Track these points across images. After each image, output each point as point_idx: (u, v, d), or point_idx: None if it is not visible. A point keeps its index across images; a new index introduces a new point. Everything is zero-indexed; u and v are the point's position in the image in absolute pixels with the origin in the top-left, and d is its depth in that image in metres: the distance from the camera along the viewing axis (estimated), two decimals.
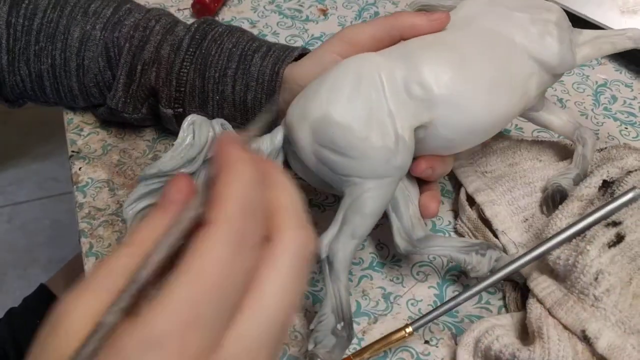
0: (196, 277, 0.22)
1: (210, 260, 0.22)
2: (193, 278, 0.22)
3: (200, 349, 0.22)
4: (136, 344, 0.21)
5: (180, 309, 0.21)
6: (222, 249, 0.22)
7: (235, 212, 0.23)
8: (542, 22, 0.44)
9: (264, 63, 0.47)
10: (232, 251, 0.22)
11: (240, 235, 0.23)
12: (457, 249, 0.43)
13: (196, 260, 0.22)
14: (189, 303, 0.21)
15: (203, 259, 0.22)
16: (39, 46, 0.50)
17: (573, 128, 0.49)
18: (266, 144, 0.40)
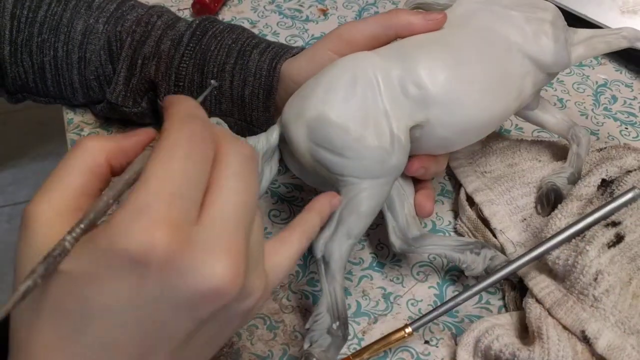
0: (168, 160, 0.26)
1: (177, 149, 0.26)
2: (166, 162, 0.26)
3: (183, 220, 0.25)
4: (126, 212, 0.24)
5: (163, 183, 0.25)
6: (184, 141, 0.26)
7: (186, 119, 0.27)
8: (537, 21, 0.44)
9: (262, 58, 0.47)
10: (191, 144, 0.26)
11: (194, 134, 0.27)
12: (452, 248, 0.43)
13: (164, 151, 0.26)
14: (168, 179, 0.25)
15: (171, 149, 0.26)
16: (41, 38, 0.51)
17: (567, 127, 0.49)
18: (262, 142, 0.40)
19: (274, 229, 0.49)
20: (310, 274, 0.47)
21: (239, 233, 0.27)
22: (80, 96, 0.54)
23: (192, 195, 0.26)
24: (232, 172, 0.28)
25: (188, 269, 0.25)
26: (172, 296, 0.25)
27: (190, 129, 0.27)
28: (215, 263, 0.25)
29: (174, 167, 0.26)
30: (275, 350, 0.42)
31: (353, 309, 0.45)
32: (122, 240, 0.24)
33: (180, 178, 0.26)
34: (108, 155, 0.28)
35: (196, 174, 0.26)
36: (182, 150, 0.26)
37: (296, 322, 0.44)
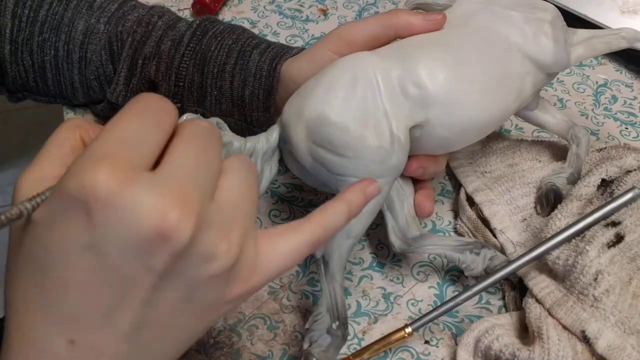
0: (122, 117, 0.27)
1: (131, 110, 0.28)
2: (120, 119, 0.27)
3: (130, 163, 0.26)
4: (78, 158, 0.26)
5: (113, 132, 0.27)
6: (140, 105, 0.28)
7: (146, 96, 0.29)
8: (537, 22, 0.44)
9: (262, 59, 0.47)
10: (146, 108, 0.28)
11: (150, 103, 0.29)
12: (452, 248, 0.43)
13: (120, 113, 0.28)
14: (118, 130, 0.27)
15: (125, 111, 0.28)
16: (42, 37, 0.51)
17: (567, 127, 0.49)
18: (262, 142, 0.40)
19: None
20: (311, 274, 0.47)
21: (191, 184, 0.26)
22: (81, 96, 0.54)
23: (141, 146, 0.27)
24: (187, 134, 0.28)
25: (128, 207, 0.25)
26: (118, 236, 0.25)
27: (147, 101, 0.29)
28: (157, 202, 0.25)
29: (126, 122, 0.27)
30: (275, 351, 0.42)
31: (353, 309, 0.45)
32: (68, 182, 0.25)
33: (131, 130, 0.27)
34: (81, 131, 0.30)
35: (147, 130, 0.27)
36: (136, 111, 0.28)
37: (296, 322, 0.44)
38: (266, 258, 0.30)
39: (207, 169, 0.28)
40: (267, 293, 0.45)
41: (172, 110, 0.29)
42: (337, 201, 0.33)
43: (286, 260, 0.30)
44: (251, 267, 0.29)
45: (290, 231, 0.31)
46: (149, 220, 0.25)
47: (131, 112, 0.28)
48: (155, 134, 0.28)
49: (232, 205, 0.28)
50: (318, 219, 0.32)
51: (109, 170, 0.25)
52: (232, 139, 0.39)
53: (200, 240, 0.26)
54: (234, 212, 0.28)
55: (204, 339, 0.42)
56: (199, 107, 0.49)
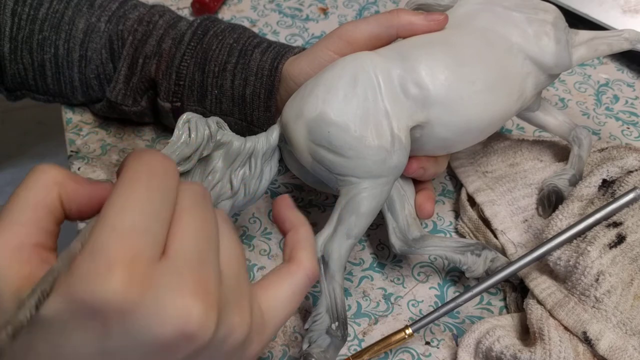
0: (127, 193, 0.24)
1: (137, 182, 0.25)
2: (124, 195, 0.24)
3: (144, 257, 0.23)
4: (83, 255, 0.23)
5: (120, 218, 0.24)
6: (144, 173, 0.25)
7: (144, 153, 0.26)
8: (539, 23, 0.43)
9: (264, 58, 0.47)
10: (151, 175, 0.25)
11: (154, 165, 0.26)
12: (453, 249, 0.43)
13: (123, 184, 0.25)
14: (126, 213, 0.24)
15: (130, 182, 0.25)
16: (42, 35, 0.51)
17: (569, 128, 0.49)
18: (262, 142, 0.40)
19: (274, 228, 0.49)
20: None
21: (205, 267, 0.25)
22: (80, 94, 0.53)
23: (153, 231, 0.24)
24: (188, 206, 0.26)
25: (150, 313, 0.23)
26: (139, 343, 0.23)
27: (150, 165, 0.26)
28: (180, 303, 0.23)
29: (135, 201, 0.24)
30: (275, 352, 0.42)
31: (353, 309, 0.45)
32: (80, 289, 0.23)
33: (140, 211, 0.24)
34: (60, 190, 0.27)
35: (157, 206, 0.25)
36: (142, 182, 0.25)
37: (296, 323, 0.44)
38: (271, 313, 0.29)
39: (212, 243, 0.26)
40: None
41: (175, 170, 0.27)
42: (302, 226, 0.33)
43: (289, 307, 0.30)
44: (260, 325, 0.28)
45: (283, 278, 0.30)
46: (173, 324, 0.23)
47: (137, 184, 0.25)
48: (165, 210, 0.25)
49: (234, 274, 0.27)
50: (303, 254, 0.31)
51: (124, 275, 0.23)
52: (232, 138, 0.39)
53: (220, 324, 0.25)
54: (238, 281, 0.27)
55: None
56: (199, 106, 0.49)
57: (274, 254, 0.47)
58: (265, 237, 0.49)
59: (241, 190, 0.40)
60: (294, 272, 0.30)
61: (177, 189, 0.26)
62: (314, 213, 0.50)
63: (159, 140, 0.54)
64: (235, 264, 0.27)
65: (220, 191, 0.40)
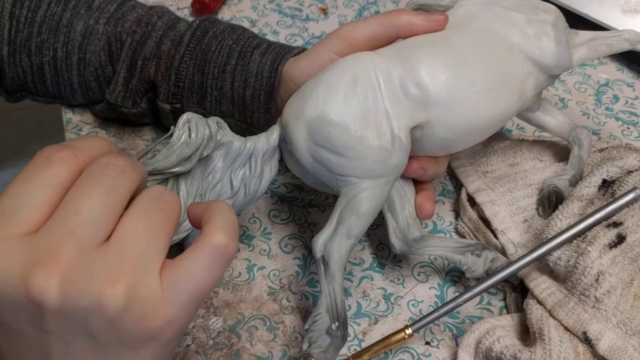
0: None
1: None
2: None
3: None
4: None
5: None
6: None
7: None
8: (539, 23, 0.43)
9: (263, 59, 0.47)
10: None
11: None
12: (453, 250, 0.43)
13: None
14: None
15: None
16: (41, 38, 0.51)
17: (569, 129, 0.49)
18: (262, 142, 0.40)
19: (274, 228, 0.49)
20: (310, 274, 0.46)
21: (66, 238, 0.27)
22: (80, 97, 0.53)
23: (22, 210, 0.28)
24: (85, 181, 0.29)
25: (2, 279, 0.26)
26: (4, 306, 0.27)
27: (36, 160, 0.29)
28: (24, 270, 0.26)
29: (12, 183, 0.28)
30: (275, 352, 0.42)
31: (353, 309, 0.45)
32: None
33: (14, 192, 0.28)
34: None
35: (32, 190, 0.28)
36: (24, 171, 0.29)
37: (296, 323, 0.44)
38: (171, 288, 0.29)
39: (97, 214, 0.28)
40: (267, 294, 0.45)
41: (69, 160, 0.29)
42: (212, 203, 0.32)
43: (195, 281, 0.29)
44: (154, 300, 0.28)
45: (188, 253, 0.30)
46: (15, 289, 0.26)
47: (18, 175, 0.28)
48: (42, 192, 0.28)
49: (123, 245, 0.28)
50: (208, 226, 0.30)
51: None
52: (232, 138, 0.39)
53: (79, 293, 0.27)
54: (125, 252, 0.28)
55: (203, 339, 0.42)
56: (199, 108, 0.49)
57: (274, 254, 0.47)
58: (265, 237, 0.49)
59: (241, 190, 0.40)
60: (199, 246, 0.29)
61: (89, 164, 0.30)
62: (314, 213, 0.50)
63: (159, 141, 0.54)
64: (129, 236, 0.28)
65: (221, 191, 0.40)
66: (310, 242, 0.41)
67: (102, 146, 0.31)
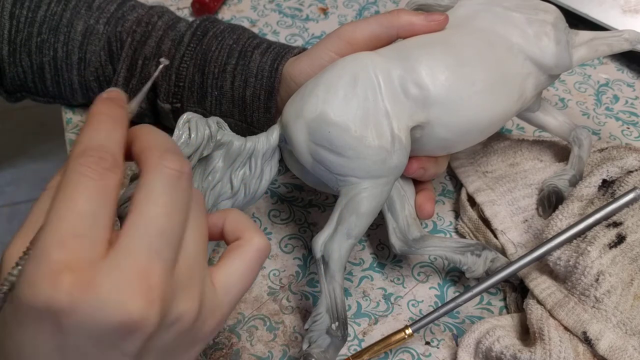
0: (65, 198, 0.26)
1: (72, 187, 0.26)
2: (63, 200, 0.26)
3: (86, 258, 0.25)
4: (29, 261, 0.25)
5: (61, 223, 0.25)
6: (80, 177, 0.26)
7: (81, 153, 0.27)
8: (539, 23, 0.43)
9: (263, 59, 0.47)
10: (87, 179, 0.26)
11: (93, 163, 0.27)
12: (453, 250, 0.43)
13: (62, 188, 0.26)
14: (66, 218, 0.25)
15: (66, 187, 0.26)
16: (41, 38, 0.51)
17: (569, 129, 0.49)
18: (262, 142, 0.40)
19: (274, 228, 0.49)
20: (311, 274, 0.46)
21: (151, 260, 0.26)
22: (80, 96, 0.53)
23: (94, 228, 0.26)
24: (147, 194, 0.27)
25: (95, 308, 0.25)
26: (90, 337, 0.25)
27: (84, 163, 0.26)
28: (123, 296, 0.25)
29: (74, 198, 0.26)
30: (275, 352, 0.42)
31: (353, 309, 0.45)
32: (27, 294, 0.25)
33: (80, 210, 0.25)
34: None
35: (95, 207, 0.26)
36: (79, 188, 0.26)
37: (296, 323, 0.44)
38: (224, 291, 0.30)
39: (174, 232, 0.27)
40: (267, 294, 0.45)
41: (116, 170, 0.27)
42: (232, 211, 0.33)
43: (242, 283, 0.31)
44: (214, 306, 0.29)
45: (234, 255, 0.31)
46: (113, 316, 0.25)
47: (73, 189, 0.26)
48: (108, 204, 0.26)
49: (190, 260, 0.28)
50: (248, 231, 0.32)
51: (68, 278, 0.24)
52: (232, 138, 0.39)
53: (167, 313, 0.27)
54: (193, 267, 0.28)
55: None
56: (199, 108, 0.49)
57: (274, 254, 0.47)
58: (267, 237, 0.48)
59: (241, 190, 0.40)
60: (244, 248, 0.31)
61: (145, 169, 0.28)
62: (314, 213, 0.50)
63: None
64: (192, 249, 0.28)
65: (221, 191, 0.40)
66: (310, 242, 0.41)
67: (135, 136, 0.30)
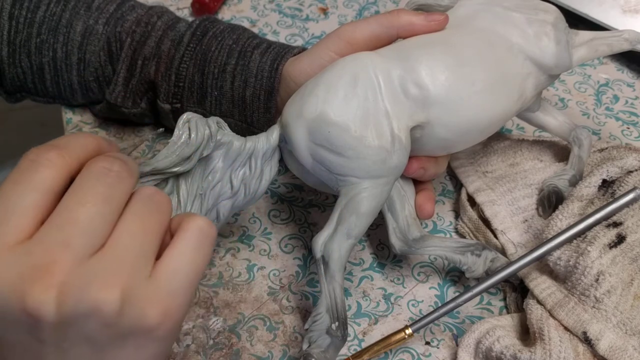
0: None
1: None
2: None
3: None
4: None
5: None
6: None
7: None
8: (539, 23, 0.43)
9: (263, 59, 0.47)
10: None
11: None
12: (453, 250, 0.43)
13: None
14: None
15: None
16: (40, 39, 0.51)
17: (569, 129, 0.49)
18: (262, 142, 0.40)
19: (274, 228, 0.49)
20: (310, 274, 0.46)
21: (60, 247, 0.27)
22: (80, 97, 0.53)
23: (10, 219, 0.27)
24: (71, 189, 0.28)
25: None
26: (2, 321, 0.27)
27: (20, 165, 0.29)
28: (22, 283, 0.26)
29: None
30: (275, 352, 0.42)
31: (353, 309, 0.45)
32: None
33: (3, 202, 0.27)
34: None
35: (20, 196, 0.27)
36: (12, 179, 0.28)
37: (296, 323, 0.44)
38: (167, 278, 0.29)
39: (93, 223, 0.27)
40: (267, 294, 0.45)
41: (56, 161, 0.28)
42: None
43: (189, 266, 0.29)
44: (151, 295, 0.28)
45: (175, 242, 0.30)
46: (11, 303, 0.26)
47: (6, 180, 0.28)
48: (31, 197, 0.27)
49: (120, 251, 0.28)
50: (189, 217, 0.31)
51: None
52: (232, 138, 0.39)
53: (76, 302, 0.26)
54: (122, 258, 0.28)
55: (203, 339, 0.42)
56: (199, 108, 0.49)
57: (274, 254, 0.47)
58: (266, 237, 0.49)
59: (241, 190, 0.40)
60: (184, 230, 0.30)
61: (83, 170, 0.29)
62: (314, 213, 0.50)
63: (159, 141, 0.54)
64: (124, 238, 0.28)
65: (221, 191, 0.40)
66: (310, 242, 0.41)
67: (90, 143, 0.30)
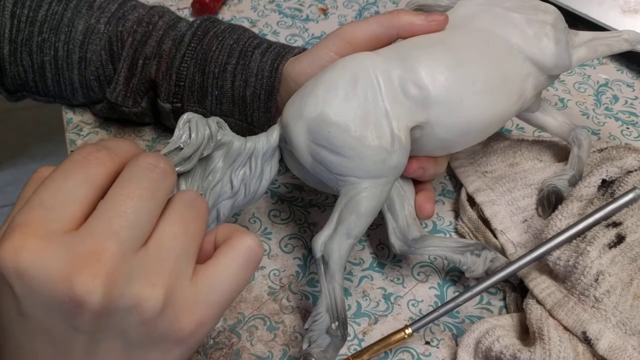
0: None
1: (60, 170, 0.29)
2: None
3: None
4: None
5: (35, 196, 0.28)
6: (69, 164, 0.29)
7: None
8: (539, 23, 0.44)
9: (264, 59, 0.47)
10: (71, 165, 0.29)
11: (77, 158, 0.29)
12: (452, 249, 0.43)
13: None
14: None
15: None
16: (42, 37, 0.51)
17: (569, 129, 0.49)
18: (262, 142, 0.40)
19: (274, 228, 0.49)
20: (310, 274, 0.46)
21: (108, 237, 0.27)
22: (80, 96, 0.53)
23: (62, 206, 0.27)
24: (117, 181, 0.29)
25: (41, 277, 0.26)
26: (41, 306, 0.27)
27: (74, 156, 0.29)
28: (70, 269, 0.26)
29: (50, 183, 0.28)
30: (275, 351, 0.42)
31: (353, 309, 0.45)
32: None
33: (53, 191, 0.28)
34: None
35: (73, 187, 0.28)
36: (62, 169, 0.29)
37: (296, 322, 0.44)
38: (207, 289, 0.29)
39: (140, 217, 0.28)
40: (267, 294, 0.45)
41: (106, 160, 0.29)
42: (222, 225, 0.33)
43: (231, 282, 0.30)
44: (191, 302, 0.29)
45: (222, 254, 0.30)
46: (58, 288, 0.26)
47: (57, 171, 0.29)
48: (89, 186, 0.28)
49: (163, 251, 0.28)
50: (239, 233, 0.31)
51: (19, 239, 0.26)
52: (233, 138, 0.39)
53: (120, 294, 0.27)
54: (165, 257, 0.28)
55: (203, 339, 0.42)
56: (199, 107, 0.49)
57: (274, 254, 0.48)
58: (266, 237, 0.49)
59: (241, 190, 0.40)
60: (233, 246, 0.30)
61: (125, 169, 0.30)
62: (314, 213, 0.50)
63: (159, 141, 0.54)
64: (167, 239, 0.29)
65: (221, 191, 0.40)
66: (310, 242, 0.41)
67: (135, 150, 0.32)
